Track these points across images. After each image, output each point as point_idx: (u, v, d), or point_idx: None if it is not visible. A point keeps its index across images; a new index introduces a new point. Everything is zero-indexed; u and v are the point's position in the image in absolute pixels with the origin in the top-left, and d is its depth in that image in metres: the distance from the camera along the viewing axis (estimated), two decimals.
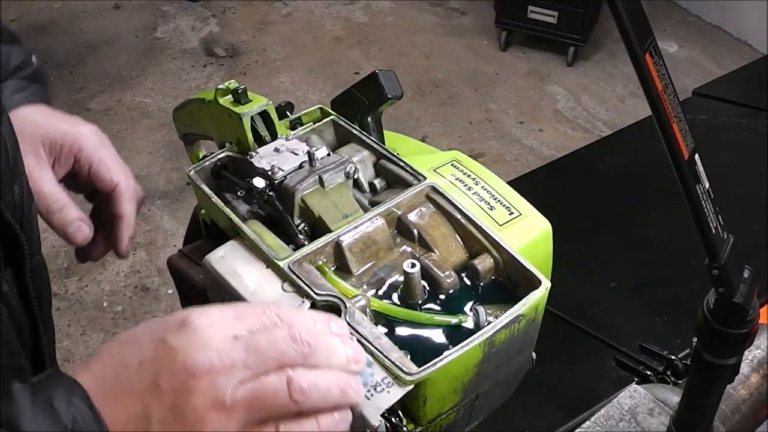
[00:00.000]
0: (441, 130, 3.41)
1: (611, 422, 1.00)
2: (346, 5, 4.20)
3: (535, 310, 0.71)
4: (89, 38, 3.91)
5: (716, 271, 0.70)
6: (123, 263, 2.76)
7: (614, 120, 3.47)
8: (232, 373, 0.51)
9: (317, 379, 0.53)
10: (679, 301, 1.40)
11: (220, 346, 0.51)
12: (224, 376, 0.50)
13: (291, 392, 0.51)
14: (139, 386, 0.51)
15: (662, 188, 1.53)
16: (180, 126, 1.01)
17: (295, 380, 0.52)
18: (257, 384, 0.51)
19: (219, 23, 4.04)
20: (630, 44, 0.58)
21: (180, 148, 1.14)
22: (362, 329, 0.68)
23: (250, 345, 0.52)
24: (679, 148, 0.63)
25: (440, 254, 0.77)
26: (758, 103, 1.88)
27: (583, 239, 1.55)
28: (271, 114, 0.85)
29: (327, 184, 0.80)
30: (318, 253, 0.75)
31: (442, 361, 0.66)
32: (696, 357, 0.78)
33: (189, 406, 0.50)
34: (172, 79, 3.66)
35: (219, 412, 0.50)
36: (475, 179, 0.87)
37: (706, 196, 0.67)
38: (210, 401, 0.50)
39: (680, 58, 3.82)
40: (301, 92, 3.58)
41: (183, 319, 0.52)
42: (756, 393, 1.00)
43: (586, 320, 1.39)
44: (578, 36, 3.64)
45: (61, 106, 3.43)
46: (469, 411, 0.76)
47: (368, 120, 0.96)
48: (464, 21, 4.09)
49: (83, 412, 0.50)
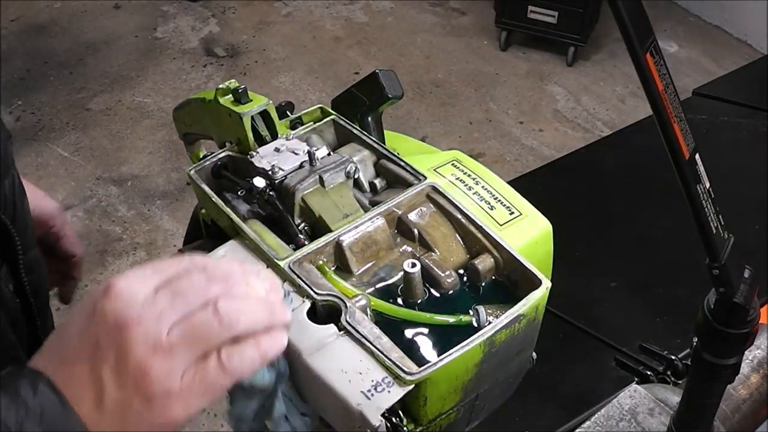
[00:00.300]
0: (441, 130, 3.41)
1: (611, 422, 1.00)
2: (346, 5, 4.20)
3: (536, 310, 0.71)
4: (89, 38, 3.91)
5: (717, 271, 0.70)
6: (124, 263, 2.77)
7: (614, 120, 3.47)
8: (161, 318, 0.54)
9: (241, 304, 0.56)
10: (679, 301, 1.40)
11: (144, 299, 0.55)
12: (154, 323, 0.54)
13: (220, 319, 0.55)
14: (84, 353, 0.55)
15: (662, 188, 1.53)
16: (180, 126, 1.01)
17: (221, 308, 0.55)
18: (187, 322, 0.55)
19: (219, 23, 4.04)
20: (631, 44, 0.58)
21: (180, 148, 1.14)
22: (362, 329, 0.68)
23: (172, 291, 0.56)
24: (679, 147, 0.63)
25: (440, 254, 0.77)
26: (758, 103, 1.88)
27: (583, 239, 1.55)
28: (272, 114, 0.85)
29: (327, 184, 0.80)
30: (318, 252, 0.75)
31: (443, 361, 0.66)
32: (696, 357, 0.78)
33: (131, 357, 0.53)
34: (172, 79, 3.66)
35: (160, 355, 0.54)
36: (475, 179, 0.87)
37: (706, 195, 0.67)
38: (149, 348, 0.54)
39: (680, 58, 3.82)
40: (301, 92, 3.58)
41: (106, 286, 0.56)
42: (756, 393, 1.00)
43: (586, 320, 1.39)
44: (578, 36, 3.64)
45: (61, 106, 3.42)
46: (469, 411, 0.76)
47: (368, 120, 0.96)
48: (464, 21, 4.09)
49: (49, 398, 0.54)
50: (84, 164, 3.22)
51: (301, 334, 0.69)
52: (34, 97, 3.54)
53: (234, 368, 0.56)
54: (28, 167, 3.12)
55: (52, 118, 3.44)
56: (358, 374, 0.66)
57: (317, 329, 0.69)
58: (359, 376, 0.65)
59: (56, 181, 3.10)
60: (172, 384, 0.54)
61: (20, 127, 3.37)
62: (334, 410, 0.68)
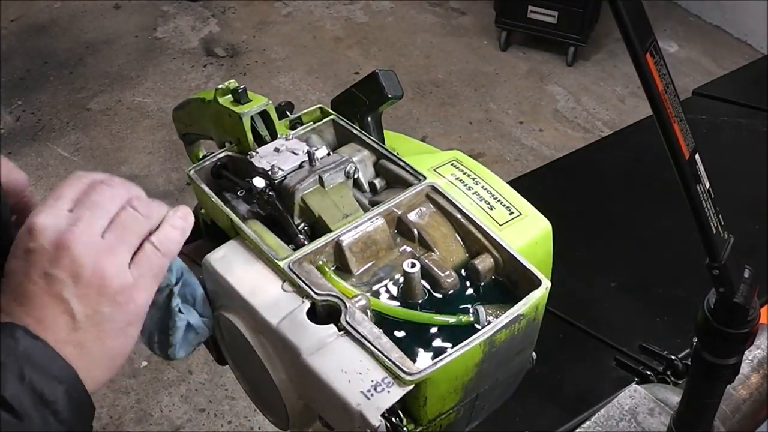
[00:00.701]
0: (441, 130, 3.41)
1: (611, 422, 1.00)
2: (346, 5, 4.20)
3: (536, 310, 0.71)
4: (89, 38, 3.91)
5: (717, 271, 0.70)
6: None
7: (614, 120, 3.47)
8: (92, 227, 0.61)
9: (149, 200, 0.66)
10: (679, 301, 1.40)
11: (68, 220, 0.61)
12: (88, 233, 0.61)
13: (141, 214, 0.64)
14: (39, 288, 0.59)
15: (662, 188, 1.53)
16: (180, 126, 1.01)
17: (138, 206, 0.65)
18: (116, 223, 0.63)
19: (219, 23, 4.04)
20: (631, 44, 0.58)
21: (180, 148, 1.14)
22: (362, 329, 0.68)
23: (87, 205, 0.62)
24: (679, 147, 0.63)
25: (440, 254, 0.77)
26: (758, 103, 1.88)
27: (583, 239, 1.55)
28: (271, 114, 0.85)
29: (327, 184, 0.80)
30: (318, 252, 0.75)
31: (443, 361, 0.66)
32: (696, 357, 0.78)
33: (84, 269, 0.60)
34: (172, 79, 3.66)
35: (106, 257, 0.61)
36: (475, 179, 0.86)
37: (706, 196, 0.67)
38: (94, 254, 0.60)
39: (680, 58, 3.82)
40: (301, 92, 3.58)
41: (27, 227, 0.61)
42: (756, 393, 1.00)
43: (586, 320, 1.39)
44: (578, 36, 3.64)
45: (61, 105, 3.42)
46: (469, 411, 0.76)
47: (368, 120, 0.96)
48: (464, 21, 4.09)
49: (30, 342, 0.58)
50: (84, 164, 3.22)
51: (301, 334, 0.69)
52: (34, 97, 3.54)
53: (167, 247, 0.65)
54: (28, 167, 3.12)
55: (52, 118, 3.44)
56: (357, 374, 0.66)
57: (317, 329, 0.69)
58: (359, 376, 0.65)
59: (56, 181, 3.10)
60: (126, 277, 0.62)
61: (20, 127, 3.37)
62: (333, 410, 0.68)
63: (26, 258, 0.60)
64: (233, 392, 2.39)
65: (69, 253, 0.59)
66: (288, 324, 0.70)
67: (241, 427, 2.33)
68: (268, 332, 0.72)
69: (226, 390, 2.40)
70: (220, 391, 2.40)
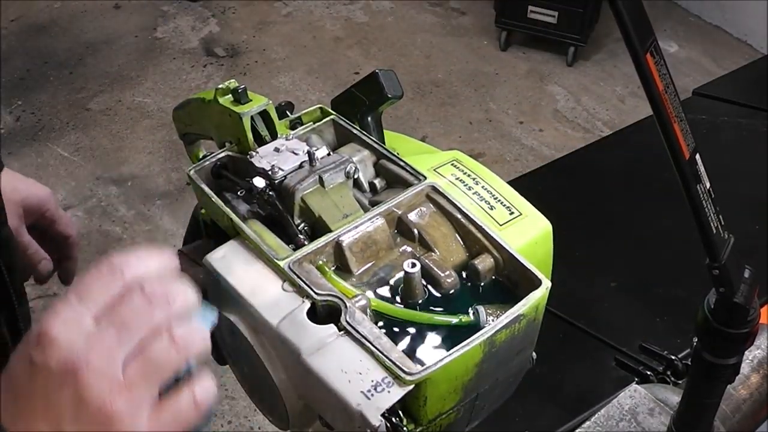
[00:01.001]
0: (441, 130, 3.41)
1: (611, 422, 1.00)
2: (346, 5, 4.20)
3: (536, 310, 0.71)
4: (89, 38, 3.91)
5: (717, 271, 0.70)
6: None
7: (614, 120, 3.47)
8: (112, 355, 0.50)
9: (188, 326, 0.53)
10: (679, 301, 1.40)
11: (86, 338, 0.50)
12: (106, 362, 0.50)
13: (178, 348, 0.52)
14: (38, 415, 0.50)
15: (662, 188, 1.53)
16: (180, 126, 1.01)
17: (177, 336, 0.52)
18: (144, 355, 0.51)
19: (219, 23, 4.04)
20: (631, 44, 0.58)
21: (180, 148, 1.14)
22: (362, 329, 0.68)
23: (114, 322, 0.51)
24: (680, 147, 0.63)
25: (440, 254, 0.77)
26: (758, 103, 1.88)
27: (583, 239, 1.55)
28: (271, 113, 0.85)
29: (327, 184, 0.80)
30: (318, 252, 0.75)
31: (443, 361, 0.65)
32: (696, 357, 0.78)
33: (90, 404, 0.49)
34: (172, 79, 3.66)
35: (120, 395, 0.50)
36: (475, 179, 0.86)
37: (706, 196, 0.67)
38: (106, 390, 0.49)
39: (680, 58, 3.82)
40: (301, 92, 3.58)
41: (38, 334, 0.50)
42: (756, 393, 1.00)
43: (586, 320, 1.39)
44: (578, 36, 3.64)
45: (61, 106, 3.42)
46: (469, 411, 0.76)
47: (368, 120, 0.96)
48: (464, 21, 4.09)
49: None
50: (84, 164, 3.22)
51: (301, 334, 0.69)
52: (34, 97, 3.54)
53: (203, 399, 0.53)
54: (28, 167, 3.12)
55: (52, 118, 3.44)
56: (357, 374, 0.66)
57: (317, 329, 0.69)
58: (359, 376, 0.65)
59: (56, 181, 3.10)
60: (138, 422, 0.50)
61: (20, 127, 3.37)
62: (333, 410, 0.68)
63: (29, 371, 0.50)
64: (233, 392, 2.39)
65: (76, 383, 0.49)
66: (288, 324, 0.70)
67: (241, 427, 2.33)
68: (268, 332, 0.72)
69: (226, 390, 2.40)
70: (220, 391, 2.40)
